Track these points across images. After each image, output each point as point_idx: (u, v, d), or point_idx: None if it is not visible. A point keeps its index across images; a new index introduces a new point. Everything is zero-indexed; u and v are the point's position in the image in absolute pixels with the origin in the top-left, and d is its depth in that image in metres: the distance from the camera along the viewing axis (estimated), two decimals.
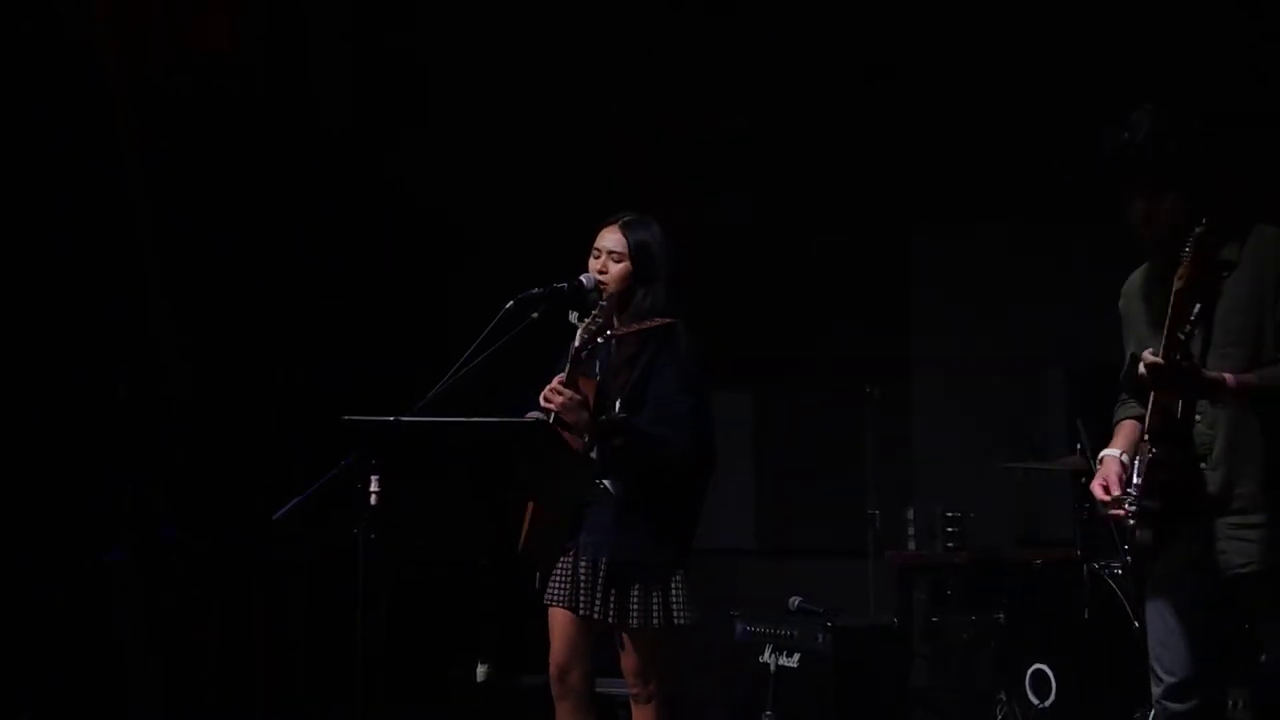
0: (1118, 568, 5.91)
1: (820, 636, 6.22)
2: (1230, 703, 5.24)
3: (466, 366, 4.29)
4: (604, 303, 4.42)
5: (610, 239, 4.63)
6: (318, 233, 7.43)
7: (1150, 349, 3.87)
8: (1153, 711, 4.21)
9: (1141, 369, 3.87)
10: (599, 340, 4.39)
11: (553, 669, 4.66)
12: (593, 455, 4.46)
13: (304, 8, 7.60)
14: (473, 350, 4.29)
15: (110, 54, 6.83)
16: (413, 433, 4.06)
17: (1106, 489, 4.04)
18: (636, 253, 4.58)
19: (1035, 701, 6.02)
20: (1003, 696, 6.16)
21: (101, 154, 6.85)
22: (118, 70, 6.86)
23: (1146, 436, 3.96)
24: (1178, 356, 3.77)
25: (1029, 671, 6.06)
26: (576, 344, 4.40)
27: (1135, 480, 3.99)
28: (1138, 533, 3.97)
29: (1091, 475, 5.86)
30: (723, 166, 7.79)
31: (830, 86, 7.68)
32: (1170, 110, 4.04)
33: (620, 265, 4.60)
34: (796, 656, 6.26)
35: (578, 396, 4.40)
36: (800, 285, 7.71)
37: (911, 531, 7.22)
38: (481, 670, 6.03)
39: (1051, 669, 5.99)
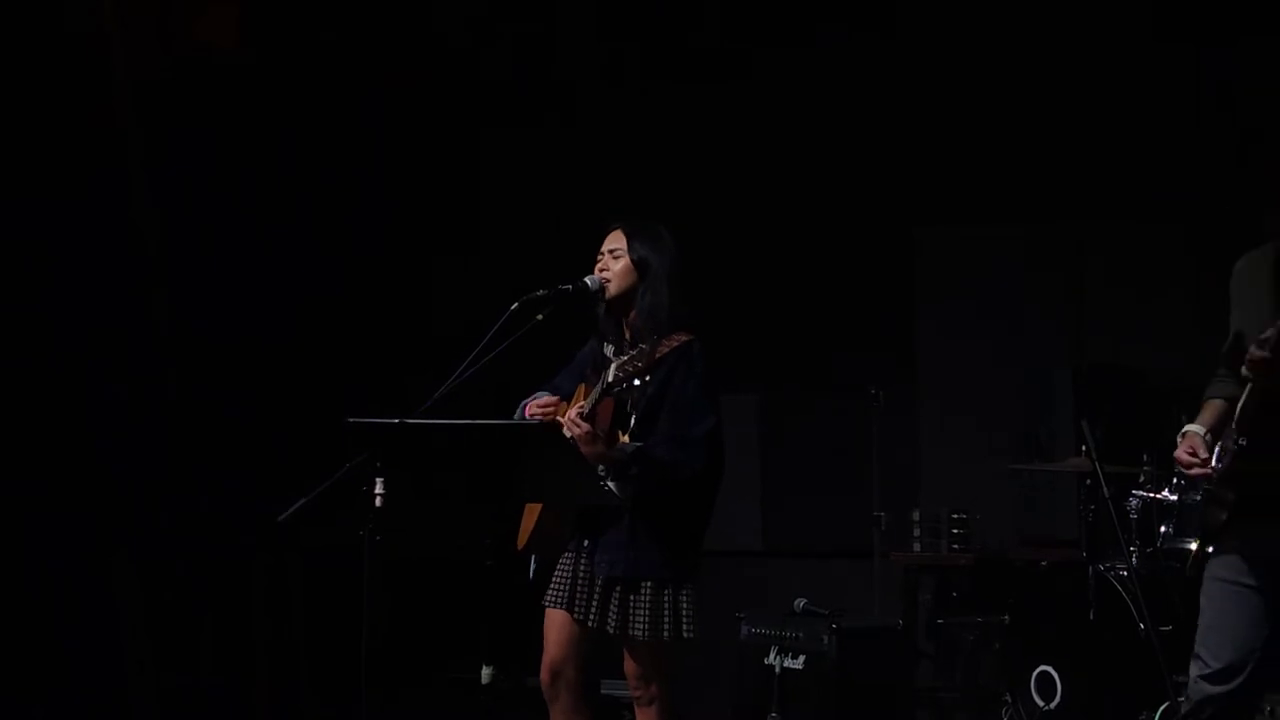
0: (1123, 569, 5.89)
1: (825, 638, 6.19)
2: (1267, 708, 5.23)
3: (472, 368, 4.26)
4: (644, 346, 4.35)
5: (612, 240, 4.66)
6: (321, 231, 7.42)
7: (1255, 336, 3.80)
8: (1186, 692, 4.15)
9: (1248, 360, 3.82)
10: (635, 383, 4.33)
11: (545, 671, 4.64)
12: (608, 485, 4.43)
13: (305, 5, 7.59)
14: (478, 352, 4.27)
15: (114, 51, 6.82)
16: (417, 434, 4.04)
17: (1194, 453, 4.00)
18: (636, 252, 4.59)
19: (1040, 703, 6.00)
20: (1008, 698, 6.15)
21: (104, 152, 6.84)
22: (122, 68, 6.85)
23: (1235, 424, 3.92)
24: None
25: (1034, 673, 6.04)
26: (610, 380, 4.36)
27: (1214, 464, 3.96)
28: (1209, 513, 3.93)
29: (1096, 476, 5.89)
30: (725, 168, 7.77)
31: (832, 87, 7.66)
32: None
33: (620, 263, 4.61)
34: (802, 658, 6.23)
35: (594, 430, 4.39)
36: (805, 287, 7.70)
37: (917, 533, 7.19)
38: (486, 672, 6.01)
39: (1057, 670, 5.98)
